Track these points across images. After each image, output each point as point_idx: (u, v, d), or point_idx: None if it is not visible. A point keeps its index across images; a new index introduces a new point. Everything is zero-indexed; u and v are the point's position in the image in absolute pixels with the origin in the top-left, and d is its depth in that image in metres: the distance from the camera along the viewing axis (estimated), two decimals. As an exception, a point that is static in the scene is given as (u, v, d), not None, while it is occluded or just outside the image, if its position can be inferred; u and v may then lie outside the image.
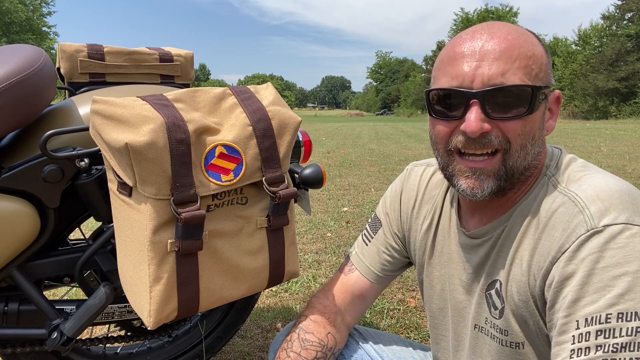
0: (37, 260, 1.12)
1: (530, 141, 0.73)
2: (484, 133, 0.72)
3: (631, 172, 5.94)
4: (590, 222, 0.66)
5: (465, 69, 0.72)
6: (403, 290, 2.40)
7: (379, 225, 1.05)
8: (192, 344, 1.55)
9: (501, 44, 0.72)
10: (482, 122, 0.71)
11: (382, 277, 1.03)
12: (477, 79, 0.71)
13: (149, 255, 0.82)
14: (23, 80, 0.99)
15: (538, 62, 0.73)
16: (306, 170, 1.09)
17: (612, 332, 0.61)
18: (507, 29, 0.74)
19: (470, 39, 0.74)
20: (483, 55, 0.71)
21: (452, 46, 0.76)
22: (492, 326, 0.81)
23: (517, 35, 0.73)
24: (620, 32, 26.83)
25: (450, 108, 0.75)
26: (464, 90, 0.72)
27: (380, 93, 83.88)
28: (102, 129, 0.82)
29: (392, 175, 6.03)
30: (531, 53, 0.72)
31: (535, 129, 0.74)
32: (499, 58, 0.71)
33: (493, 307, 0.81)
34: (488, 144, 0.72)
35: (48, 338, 1.08)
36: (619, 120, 21.43)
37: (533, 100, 0.71)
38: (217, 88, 0.93)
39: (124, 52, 1.31)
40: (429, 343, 1.86)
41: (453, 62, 0.74)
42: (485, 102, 0.71)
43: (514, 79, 0.70)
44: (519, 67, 0.71)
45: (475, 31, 0.75)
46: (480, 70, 0.71)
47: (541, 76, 0.73)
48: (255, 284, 0.97)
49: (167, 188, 0.81)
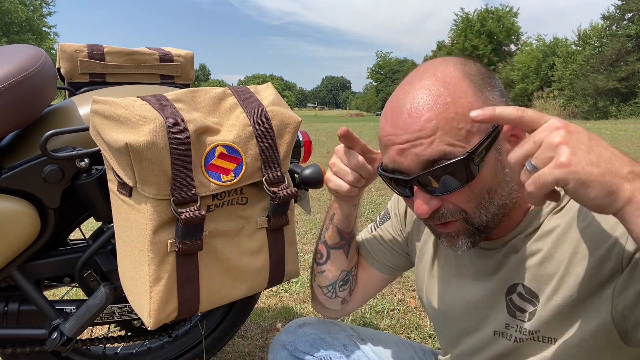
0: (37, 260, 1.12)
1: (485, 197, 0.71)
2: (435, 210, 0.72)
3: (631, 172, 5.94)
4: None
5: (395, 155, 0.71)
6: (403, 290, 2.40)
7: (388, 218, 1.06)
8: (192, 344, 1.55)
9: (417, 121, 0.68)
10: (427, 205, 0.71)
11: (379, 263, 1.04)
12: (407, 162, 0.70)
13: (149, 255, 0.82)
14: (23, 80, 0.99)
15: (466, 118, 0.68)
16: (306, 171, 1.09)
17: None
18: (424, 97, 0.69)
19: (391, 119, 0.72)
20: (405, 138, 0.69)
21: (381, 125, 0.75)
22: (518, 330, 0.80)
23: (433, 101, 0.68)
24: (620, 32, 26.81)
25: (401, 188, 0.75)
26: (400, 177, 0.72)
27: (381, 93, 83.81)
28: (102, 129, 0.82)
29: (392, 175, 6.01)
30: (453, 114, 0.67)
31: (488, 183, 0.71)
32: (419, 136, 0.68)
33: (519, 310, 0.80)
34: (443, 217, 0.73)
35: (48, 338, 1.08)
36: (619, 120, 21.42)
37: (469, 167, 0.68)
38: (217, 88, 0.93)
39: (124, 52, 1.31)
40: (429, 343, 1.86)
41: (385, 147, 0.74)
42: (423, 184, 0.70)
43: (441, 148, 0.67)
44: (443, 134, 0.67)
45: (395, 109, 0.72)
46: (406, 153, 0.70)
47: (475, 128, 0.68)
48: (255, 284, 0.97)
49: (167, 188, 0.81)
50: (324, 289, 1.02)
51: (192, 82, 1.44)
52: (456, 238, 0.75)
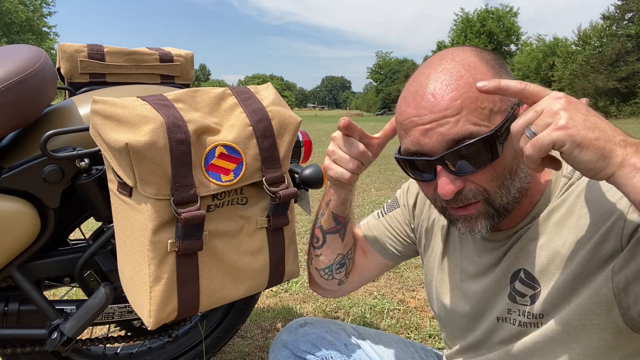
0: (37, 260, 1.12)
1: (507, 178, 0.73)
2: (459, 190, 0.72)
3: (631, 172, 5.94)
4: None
5: (417, 135, 0.72)
6: (403, 290, 2.40)
7: (396, 206, 1.07)
8: (192, 344, 1.55)
9: (442, 101, 0.69)
10: (452, 185, 0.71)
11: (384, 250, 1.06)
12: (432, 142, 0.70)
13: (149, 255, 0.82)
14: (23, 80, 0.99)
15: (489, 97, 0.70)
16: (306, 171, 1.09)
17: None
18: (446, 78, 0.71)
19: (413, 102, 0.73)
20: (429, 118, 0.70)
21: (404, 109, 0.75)
22: (522, 314, 0.81)
23: (457, 80, 0.70)
24: (620, 32, 26.82)
25: (421, 172, 0.75)
26: (425, 158, 0.72)
27: (380, 93, 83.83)
28: (102, 129, 0.82)
29: (392, 175, 6.03)
30: (477, 94, 0.69)
31: (509, 164, 0.73)
32: (444, 115, 0.69)
33: (519, 295, 0.81)
34: (466, 199, 0.73)
35: (48, 338, 1.08)
36: (619, 120, 21.43)
37: (494, 145, 0.69)
38: (217, 88, 0.93)
39: (124, 52, 1.31)
40: (429, 343, 1.86)
41: (407, 130, 0.74)
42: (448, 164, 0.71)
43: (467, 127, 0.68)
44: (468, 113, 0.69)
45: (417, 92, 0.73)
46: (431, 133, 0.70)
47: (497, 107, 0.70)
48: (255, 284, 0.97)
49: (167, 188, 0.81)
50: (320, 272, 1.03)
51: (192, 82, 1.44)
52: (475, 221, 0.75)
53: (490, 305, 0.87)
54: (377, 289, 2.40)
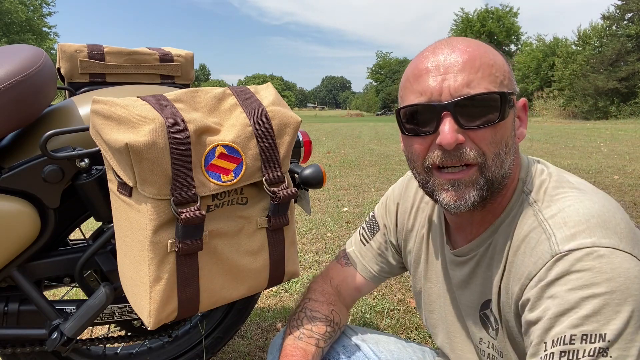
0: (37, 260, 1.12)
1: (503, 149, 0.73)
2: (459, 145, 0.72)
3: (631, 172, 5.94)
4: (555, 248, 0.66)
5: (431, 84, 0.72)
6: (403, 290, 2.40)
7: (377, 229, 1.07)
8: (192, 344, 1.55)
9: (463, 56, 0.72)
10: (456, 133, 0.71)
11: (379, 277, 1.07)
12: (445, 91, 0.71)
13: (149, 255, 0.82)
14: (23, 80, 0.99)
15: (501, 70, 0.74)
16: (306, 171, 1.09)
17: (575, 354, 0.60)
18: (466, 42, 0.75)
19: (432, 54, 0.75)
20: (447, 68, 0.72)
21: (416, 64, 0.77)
22: (490, 346, 0.82)
23: (476, 47, 0.74)
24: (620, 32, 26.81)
25: (422, 124, 0.75)
26: (434, 103, 0.72)
27: (381, 93, 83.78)
28: (102, 129, 0.82)
29: (392, 175, 6.03)
30: (493, 62, 0.73)
31: (508, 136, 0.74)
32: (462, 69, 0.71)
33: (491, 327, 0.81)
34: (464, 157, 0.72)
35: (48, 338, 1.08)
36: (619, 120, 21.43)
37: (503, 107, 0.71)
38: (217, 88, 0.93)
39: (124, 52, 1.31)
40: (429, 343, 1.86)
41: (418, 78, 0.75)
42: (457, 112, 0.71)
43: (479, 88, 0.71)
44: (483, 76, 0.71)
45: (436, 47, 0.76)
46: (446, 83, 0.71)
47: (506, 83, 0.74)
48: (255, 284, 0.97)
49: (167, 188, 0.81)
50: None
51: (192, 82, 1.44)
52: (464, 189, 0.74)
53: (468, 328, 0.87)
54: (377, 289, 2.40)
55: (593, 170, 6.10)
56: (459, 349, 0.91)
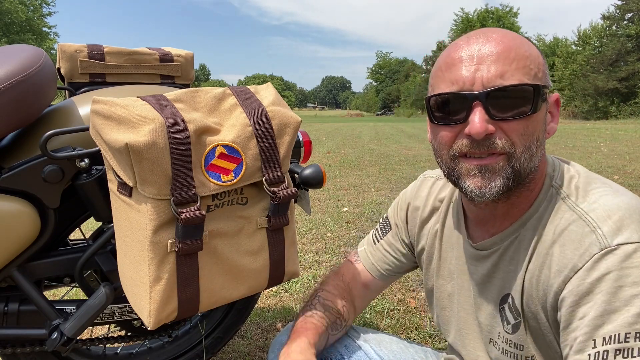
0: (37, 260, 1.12)
1: (534, 143, 0.73)
2: (488, 135, 0.71)
3: (631, 172, 5.94)
4: (603, 241, 0.65)
5: (464, 73, 0.72)
6: (403, 290, 2.40)
7: (389, 228, 1.07)
8: (192, 344, 1.55)
9: (497, 47, 0.72)
10: (486, 124, 0.70)
11: (387, 275, 1.06)
12: (477, 81, 0.71)
13: (149, 255, 0.82)
14: (23, 80, 0.99)
15: (536, 62, 0.73)
16: (306, 171, 1.09)
17: (630, 352, 0.60)
18: (502, 32, 0.75)
19: (466, 44, 0.74)
20: (480, 58, 0.71)
21: (449, 52, 0.76)
22: (505, 341, 0.81)
23: (512, 38, 0.74)
24: (620, 32, 26.82)
25: (452, 113, 0.74)
26: (465, 92, 0.71)
27: (381, 93, 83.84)
28: (102, 129, 0.82)
29: (392, 175, 6.03)
30: (528, 54, 0.72)
31: (539, 130, 0.73)
32: (496, 60, 0.71)
33: (506, 321, 0.80)
34: (492, 147, 0.71)
35: (48, 338, 1.08)
36: (619, 120, 21.43)
37: (535, 100, 0.71)
38: (217, 88, 0.93)
39: (124, 52, 1.31)
40: (429, 343, 1.86)
41: (451, 67, 0.74)
42: (488, 103, 0.70)
43: (513, 79, 0.70)
44: (517, 68, 0.71)
45: (471, 37, 0.76)
46: (479, 73, 0.71)
47: (540, 76, 0.73)
48: (255, 284, 0.97)
49: (167, 188, 0.81)
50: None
51: (192, 82, 1.44)
52: (491, 176, 0.73)
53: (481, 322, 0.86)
54: (377, 289, 2.40)
55: (593, 170, 6.07)
56: (472, 345, 0.90)
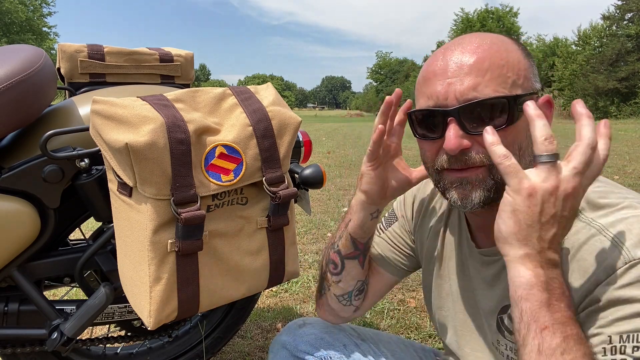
0: (37, 260, 1.12)
1: (516, 152, 0.71)
2: (464, 150, 0.71)
3: (631, 172, 5.94)
4: (628, 255, 0.65)
5: (438, 88, 0.72)
6: (403, 290, 2.40)
7: (394, 220, 1.06)
8: (192, 344, 1.55)
9: (470, 58, 0.71)
10: (460, 139, 0.70)
11: (393, 266, 1.04)
12: (450, 96, 0.70)
13: (149, 255, 0.82)
14: (23, 80, 0.99)
15: (514, 69, 0.71)
16: (306, 171, 1.09)
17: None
18: (478, 41, 0.73)
19: (442, 57, 0.74)
20: (454, 72, 0.71)
21: (427, 66, 0.76)
22: (508, 348, 0.80)
23: (488, 47, 0.72)
24: (620, 32, 26.82)
25: (430, 129, 0.75)
26: (439, 109, 0.71)
27: (381, 93, 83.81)
28: (102, 129, 0.82)
29: (392, 175, 6.01)
30: (504, 62, 0.71)
31: (521, 138, 0.72)
32: (469, 72, 0.70)
33: (507, 331, 0.80)
34: (469, 161, 0.71)
35: (48, 338, 1.08)
36: (619, 120, 21.42)
37: (511, 111, 0.69)
38: (217, 88, 0.93)
39: (124, 52, 1.31)
40: (429, 343, 1.86)
41: (427, 82, 0.74)
42: (462, 118, 0.70)
43: (487, 90, 0.69)
44: (491, 79, 0.70)
45: (447, 48, 0.75)
46: (452, 87, 0.70)
47: (520, 82, 0.71)
48: (255, 284, 0.97)
49: (167, 188, 0.81)
50: (339, 297, 1.01)
51: (192, 82, 1.44)
52: (471, 189, 0.73)
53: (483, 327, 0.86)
54: (377, 289, 2.40)
55: (593, 170, 6.09)
56: (469, 347, 0.90)
